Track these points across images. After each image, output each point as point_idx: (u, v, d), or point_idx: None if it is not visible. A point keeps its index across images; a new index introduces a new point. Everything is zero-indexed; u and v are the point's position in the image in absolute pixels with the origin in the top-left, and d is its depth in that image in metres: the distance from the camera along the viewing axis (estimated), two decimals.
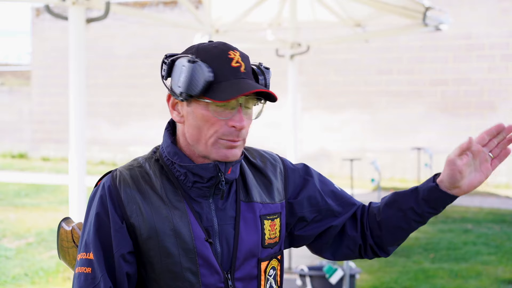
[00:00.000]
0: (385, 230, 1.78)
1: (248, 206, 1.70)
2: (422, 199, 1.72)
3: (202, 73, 1.58)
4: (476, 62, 13.31)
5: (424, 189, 1.72)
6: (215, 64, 1.60)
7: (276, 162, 1.81)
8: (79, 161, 4.94)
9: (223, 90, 1.58)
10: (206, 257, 1.63)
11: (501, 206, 10.53)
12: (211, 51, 1.62)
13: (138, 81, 16.14)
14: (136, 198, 1.64)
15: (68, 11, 4.93)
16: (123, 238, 1.62)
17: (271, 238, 1.72)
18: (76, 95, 4.92)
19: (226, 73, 1.60)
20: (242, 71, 1.61)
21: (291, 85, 8.73)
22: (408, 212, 1.74)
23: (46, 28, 17.17)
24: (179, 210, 1.63)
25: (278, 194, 1.76)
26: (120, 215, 1.63)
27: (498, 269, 6.58)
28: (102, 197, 1.65)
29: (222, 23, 7.88)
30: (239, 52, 1.64)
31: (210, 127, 1.61)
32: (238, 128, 1.61)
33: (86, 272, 1.62)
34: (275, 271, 1.75)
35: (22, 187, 12.29)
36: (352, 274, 5.14)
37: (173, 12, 15.84)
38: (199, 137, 1.63)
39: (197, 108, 1.62)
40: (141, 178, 1.67)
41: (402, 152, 13.76)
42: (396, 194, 1.77)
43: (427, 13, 7.13)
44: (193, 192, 1.66)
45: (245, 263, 1.68)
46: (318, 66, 14.36)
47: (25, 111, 17.74)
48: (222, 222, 1.67)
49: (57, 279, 6.03)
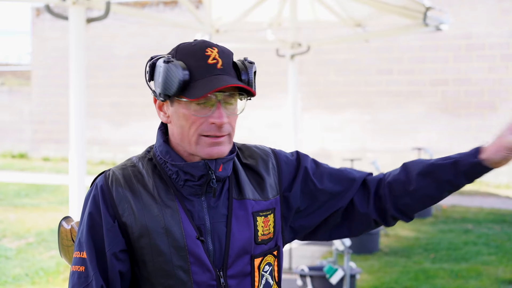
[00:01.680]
0: (416, 199, 1.77)
1: (241, 204, 1.70)
2: (463, 173, 1.72)
3: (176, 72, 1.59)
4: (477, 62, 13.30)
5: (465, 164, 1.71)
6: (192, 63, 1.61)
7: (268, 157, 1.81)
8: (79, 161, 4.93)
9: (198, 88, 1.59)
10: (197, 255, 1.63)
11: (501, 206, 10.52)
12: (189, 49, 1.64)
13: (138, 81, 16.12)
14: (128, 197, 1.66)
15: (68, 11, 4.92)
16: (115, 236, 1.64)
17: (264, 234, 1.72)
18: (76, 95, 4.91)
19: (201, 70, 1.61)
20: (219, 67, 1.62)
21: (291, 85, 8.72)
22: (444, 184, 1.74)
23: (46, 28, 17.17)
24: (170, 209, 1.65)
25: (271, 190, 1.76)
26: (112, 214, 1.65)
27: (499, 269, 6.57)
28: (95, 197, 1.68)
29: (222, 23, 7.88)
30: (218, 49, 1.64)
31: (191, 125, 1.63)
32: (218, 124, 1.62)
33: (80, 271, 1.64)
34: (271, 267, 1.75)
35: (22, 187, 12.29)
36: (352, 274, 5.13)
37: (173, 12, 15.84)
38: (183, 136, 1.65)
39: (179, 108, 1.64)
40: (134, 178, 1.68)
41: (402, 152, 13.76)
42: (432, 165, 1.75)
43: (428, 13, 7.12)
44: (185, 190, 1.67)
45: (238, 260, 1.68)
46: (318, 66, 14.36)
47: (25, 111, 17.73)
48: (214, 220, 1.67)
49: (57, 279, 6.02)
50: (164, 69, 1.60)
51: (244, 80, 1.67)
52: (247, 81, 1.67)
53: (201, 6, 13.52)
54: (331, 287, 5.04)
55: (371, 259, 6.98)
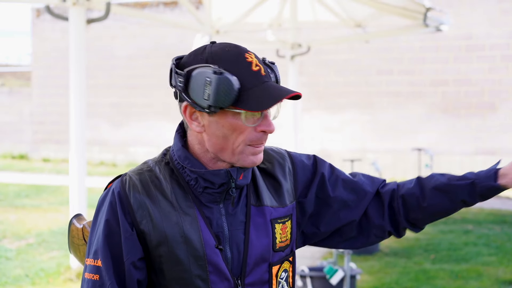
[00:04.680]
0: (428, 214, 1.77)
1: (259, 210, 1.68)
2: (479, 194, 1.71)
3: (231, 84, 1.53)
4: (477, 62, 13.30)
5: (482, 186, 1.70)
6: (237, 71, 1.56)
7: (285, 160, 1.78)
8: (79, 162, 4.93)
9: (255, 98, 1.55)
10: (216, 264, 1.61)
11: (501, 207, 10.52)
12: (227, 56, 1.58)
13: (138, 81, 16.14)
14: (146, 204, 1.62)
15: (69, 12, 4.92)
16: (133, 245, 1.61)
17: (282, 241, 1.70)
18: (76, 95, 4.92)
19: (250, 79, 1.56)
20: (263, 74, 1.59)
21: (292, 86, 8.73)
22: (459, 203, 1.74)
23: (46, 29, 17.17)
24: (189, 216, 1.61)
25: (288, 195, 1.74)
26: (130, 222, 1.61)
27: (499, 270, 6.57)
28: (112, 204, 1.63)
29: (223, 24, 7.88)
30: (253, 53, 1.61)
31: (239, 135, 1.58)
32: (268, 132, 1.61)
33: (94, 279, 1.60)
34: (287, 273, 1.73)
35: (23, 188, 12.29)
36: (352, 275, 5.13)
37: (174, 12, 15.84)
38: (224, 146, 1.60)
39: (224, 118, 1.58)
40: (151, 183, 1.64)
41: (402, 152, 13.76)
42: (449, 184, 1.74)
43: (428, 14, 7.13)
44: (204, 197, 1.64)
45: (256, 268, 1.66)
46: (318, 67, 14.36)
47: (26, 112, 17.74)
48: (233, 228, 1.65)
49: (58, 280, 6.02)
50: (216, 81, 1.53)
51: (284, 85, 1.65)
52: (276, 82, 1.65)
53: (201, 7, 13.52)
54: (331, 287, 5.04)
55: (371, 259, 6.98)
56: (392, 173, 13.81)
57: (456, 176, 1.75)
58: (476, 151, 13.33)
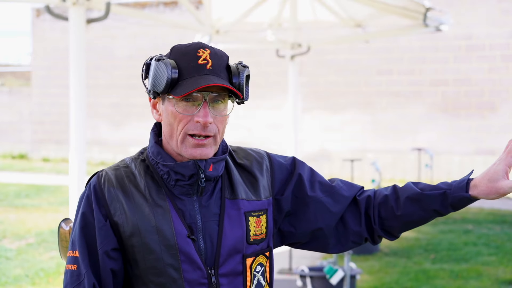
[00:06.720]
0: (402, 223, 1.80)
1: (233, 203, 1.73)
2: (450, 204, 1.73)
3: (165, 70, 1.63)
4: (477, 62, 13.31)
5: (454, 197, 1.72)
6: (183, 62, 1.66)
7: (262, 159, 1.83)
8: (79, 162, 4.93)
9: (184, 86, 1.64)
10: (188, 253, 1.66)
11: (501, 207, 10.52)
12: (183, 50, 1.68)
13: (138, 81, 16.10)
14: (119, 197, 1.70)
15: (68, 12, 4.92)
16: (107, 235, 1.68)
17: (256, 234, 1.74)
18: (76, 95, 4.91)
19: (191, 70, 1.65)
20: (208, 68, 1.66)
21: (292, 86, 8.72)
22: (431, 212, 1.77)
23: (46, 29, 17.17)
24: (161, 208, 1.68)
25: (264, 191, 1.78)
26: (104, 213, 1.69)
27: (499, 270, 6.57)
28: (88, 197, 1.72)
29: (223, 24, 7.87)
30: (211, 50, 1.68)
31: (179, 123, 1.67)
32: (202, 123, 1.65)
33: (72, 269, 1.69)
34: (262, 268, 1.77)
35: (22, 187, 12.29)
36: (352, 275, 5.14)
37: (174, 12, 15.84)
38: (171, 133, 1.69)
39: (168, 106, 1.68)
40: (126, 178, 1.73)
41: (402, 152, 13.76)
42: (421, 194, 1.76)
43: (428, 14, 7.12)
44: (177, 190, 1.70)
45: (229, 259, 1.70)
46: (318, 67, 14.36)
47: (25, 111, 17.74)
48: (206, 219, 1.70)
49: (58, 280, 6.03)
50: (155, 67, 1.65)
51: (235, 83, 1.70)
52: (237, 84, 1.70)
53: (201, 7, 13.52)
54: (331, 287, 5.04)
55: (371, 259, 6.98)
56: (392, 173, 13.82)
57: (430, 185, 1.78)
58: (476, 151, 13.33)
